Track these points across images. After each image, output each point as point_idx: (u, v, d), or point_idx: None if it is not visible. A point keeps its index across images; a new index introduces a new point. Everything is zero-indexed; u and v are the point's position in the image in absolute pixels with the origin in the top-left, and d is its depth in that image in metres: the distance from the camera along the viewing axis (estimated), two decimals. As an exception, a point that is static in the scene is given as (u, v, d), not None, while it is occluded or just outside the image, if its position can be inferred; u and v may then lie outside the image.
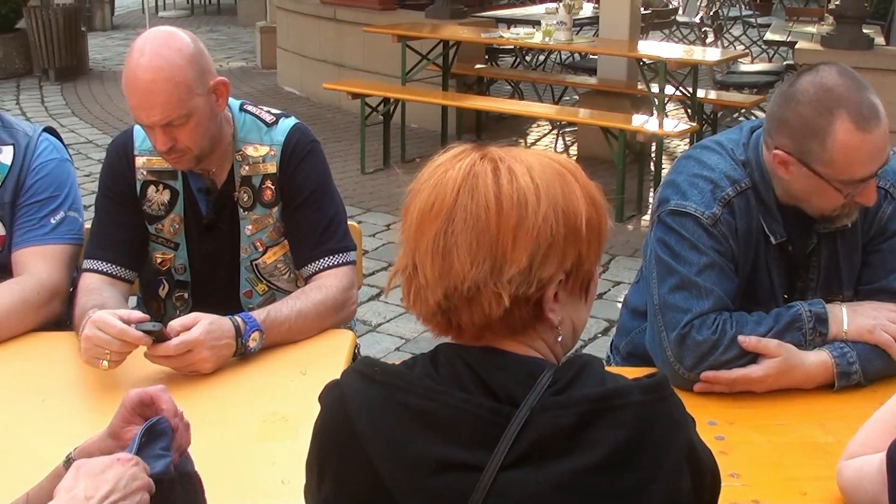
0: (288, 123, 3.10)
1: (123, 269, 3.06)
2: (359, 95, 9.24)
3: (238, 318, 2.73)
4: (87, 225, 3.24)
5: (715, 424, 2.43)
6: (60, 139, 3.32)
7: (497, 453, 1.52)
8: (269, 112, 3.13)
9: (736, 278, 2.66)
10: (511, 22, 11.90)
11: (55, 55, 13.82)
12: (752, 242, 2.69)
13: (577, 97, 11.02)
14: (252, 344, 2.72)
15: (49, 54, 13.81)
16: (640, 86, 9.48)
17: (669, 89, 8.77)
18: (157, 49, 2.82)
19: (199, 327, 2.63)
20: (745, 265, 2.70)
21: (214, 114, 2.94)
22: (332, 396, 1.65)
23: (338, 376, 2.62)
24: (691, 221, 2.64)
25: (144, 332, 2.56)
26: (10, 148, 3.16)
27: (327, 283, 2.98)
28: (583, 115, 9.00)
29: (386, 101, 9.35)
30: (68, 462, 1.92)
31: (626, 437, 1.54)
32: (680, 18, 14.89)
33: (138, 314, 2.62)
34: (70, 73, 14.05)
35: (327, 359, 2.78)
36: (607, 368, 1.66)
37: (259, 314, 2.78)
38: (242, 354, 2.72)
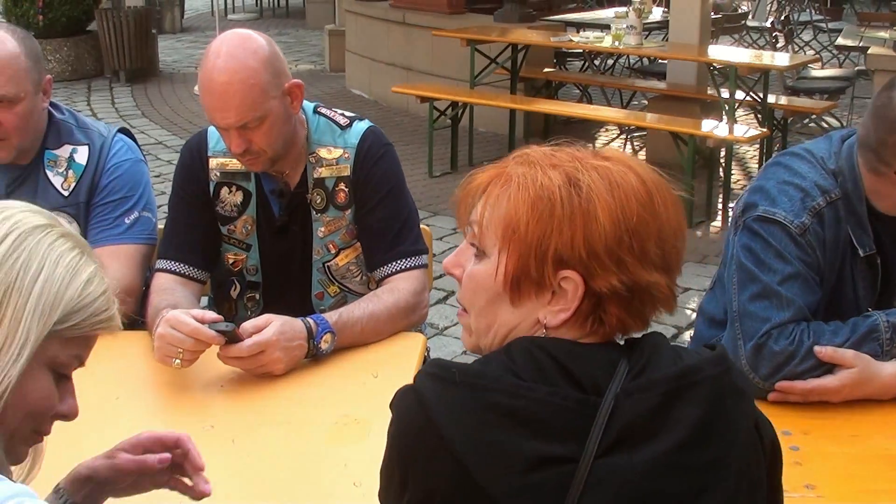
0: (362, 126, 3.10)
1: (196, 270, 3.08)
2: (427, 99, 9.25)
3: (310, 320, 2.73)
4: (159, 225, 3.27)
5: (789, 435, 2.39)
6: (135, 140, 3.35)
7: (590, 443, 1.51)
8: (342, 114, 3.13)
9: (819, 290, 2.61)
10: (580, 26, 11.84)
11: (126, 57, 13.97)
12: (838, 254, 2.64)
13: (645, 101, 10.95)
14: (324, 346, 2.72)
15: (120, 56, 13.96)
16: (710, 91, 9.40)
17: (739, 94, 8.67)
18: (232, 51, 2.83)
19: (271, 328, 2.63)
20: (830, 277, 2.64)
21: (289, 116, 2.94)
22: (408, 401, 1.62)
23: (409, 379, 2.62)
24: (779, 229, 2.59)
25: (218, 332, 2.57)
26: (86, 148, 3.20)
27: (399, 286, 2.98)
28: (652, 119, 8.95)
29: (454, 104, 9.35)
30: (57, 491, 1.94)
31: (704, 412, 1.56)
32: (750, 23, 14.78)
33: (211, 314, 2.63)
34: (140, 75, 14.20)
35: (399, 362, 2.77)
36: None
37: (331, 316, 2.78)
38: (314, 356, 2.72)
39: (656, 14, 11.84)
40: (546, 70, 10.74)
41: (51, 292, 1.52)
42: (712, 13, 10.71)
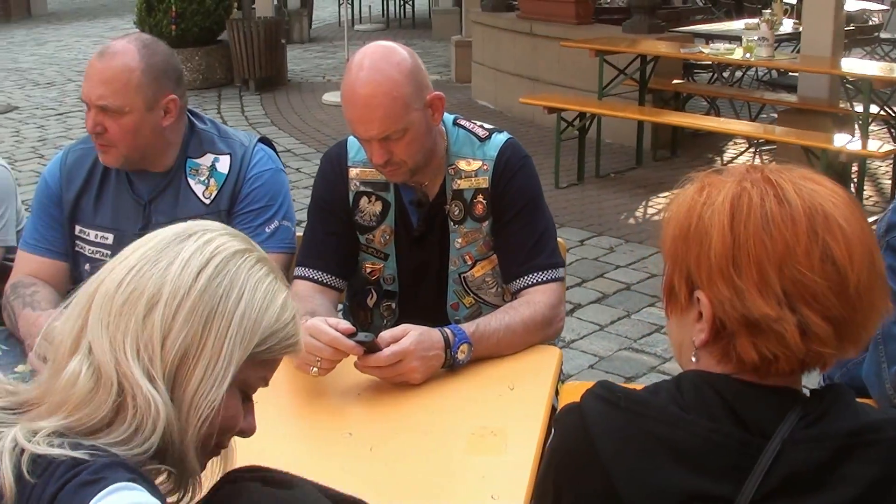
0: (501, 138, 3.10)
1: (333, 278, 3.11)
2: (555, 110, 9.21)
3: (447, 330, 2.74)
4: (297, 233, 3.31)
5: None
6: (275, 149, 3.39)
7: (748, 486, 1.48)
8: (481, 126, 3.14)
9: None
10: (709, 37, 11.71)
11: (255, 66, 14.19)
12: None
13: (774, 115, 10.79)
14: (461, 356, 2.73)
15: (250, 65, 14.19)
16: (842, 104, 9.21)
17: (873, 108, 8.49)
18: (375, 64, 2.85)
19: (409, 338, 2.64)
20: None
21: (430, 128, 2.96)
22: (572, 420, 1.63)
23: (545, 393, 2.63)
24: None
25: (357, 342, 2.59)
26: (227, 157, 3.25)
27: (536, 298, 2.97)
28: (782, 133, 8.80)
29: (582, 115, 9.30)
30: None
31: (878, 474, 1.50)
32: (883, 35, 14.46)
33: (346, 324, 2.65)
34: (269, 84, 14.40)
35: (534, 375, 2.77)
36: None
37: (468, 327, 2.79)
38: (451, 366, 2.73)
39: (787, 26, 11.65)
40: (675, 82, 10.64)
41: (251, 317, 1.57)
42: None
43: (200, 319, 1.52)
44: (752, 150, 10.39)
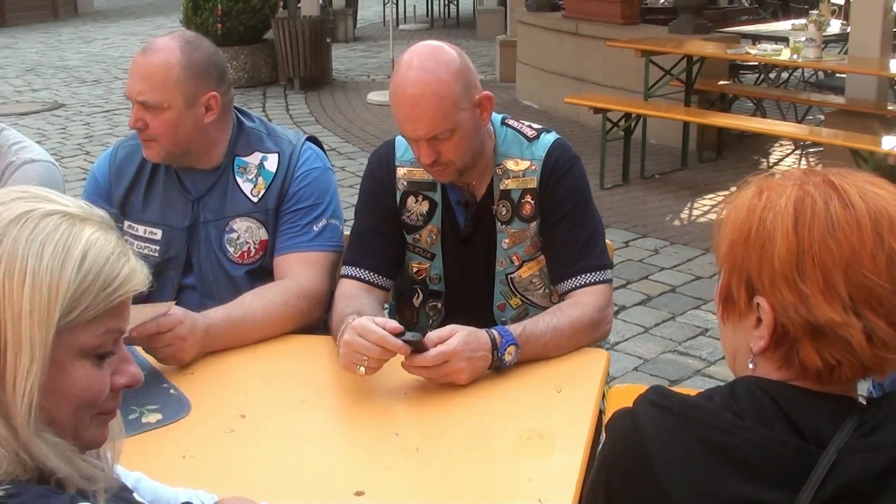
0: (549, 139, 3.09)
1: (380, 277, 3.10)
2: (600, 110, 9.18)
3: (494, 332, 2.72)
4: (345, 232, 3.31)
5: None
6: (322, 148, 3.39)
7: (802, 496, 1.46)
8: (530, 126, 3.12)
9: None
10: (755, 38, 11.63)
11: (301, 65, 14.25)
12: None
13: (821, 116, 10.70)
14: (507, 357, 2.71)
15: (295, 64, 14.25)
16: (890, 106, 9.12)
17: (923, 110, 8.41)
18: (424, 63, 2.84)
19: (456, 339, 2.63)
20: None
21: (478, 128, 2.94)
22: (625, 425, 1.61)
23: (593, 396, 2.61)
24: None
25: (404, 341, 2.58)
26: (276, 156, 3.25)
27: (584, 300, 2.95)
28: (829, 134, 8.71)
29: (627, 116, 9.27)
30: None
31: None
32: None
33: (393, 323, 2.64)
34: (314, 83, 14.46)
35: (582, 377, 2.74)
36: None
37: (515, 328, 2.77)
38: (497, 368, 2.71)
39: (834, 27, 11.56)
40: (721, 82, 10.57)
41: (42, 291, 1.40)
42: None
43: None
44: (798, 152, 10.31)
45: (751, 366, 1.62)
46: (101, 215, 1.52)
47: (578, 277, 3.00)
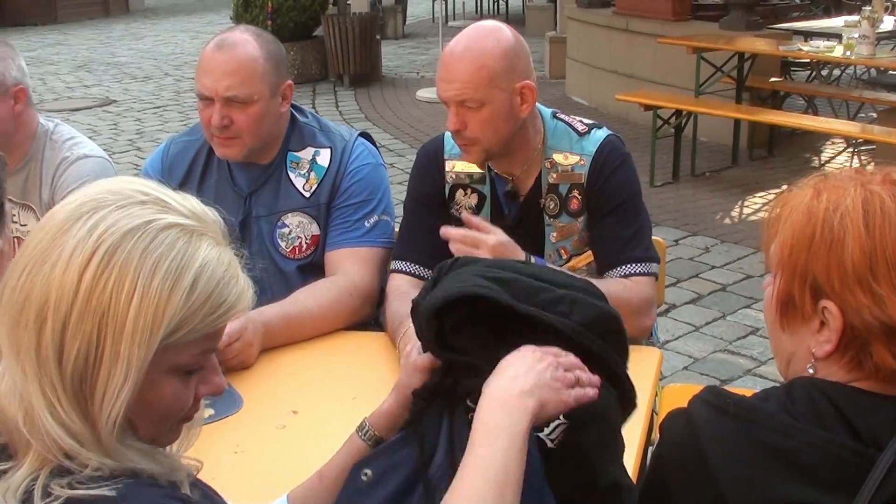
0: (601, 134, 3.07)
1: (429, 271, 3.10)
2: (651, 107, 9.14)
3: (532, 256, 2.80)
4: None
5: None
6: (375, 144, 3.39)
7: (860, 499, 1.43)
8: (581, 121, 3.11)
9: None
10: (807, 34, 11.53)
11: (350, 62, 14.26)
12: None
13: (873, 114, 10.59)
14: None
15: (344, 61, 14.27)
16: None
17: (980, 108, 8.29)
18: (475, 32, 2.91)
19: (496, 235, 2.76)
20: None
21: (513, 115, 2.93)
22: (680, 426, 1.60)
23: (646, 394, 2.58)
24: None
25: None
26: (328, 151, 3.26)
27: (629, 285, 2.94)
28: (882, 132, 8.62)
29: (678, 113, 9.21)
30: (362, 428, 1.95)
31: None
32: None
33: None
34: (363, 80, 14.47)
35: (635, 376, 2.65)
36: None
37: (553, 267, 2.84)
38: None
39: (888, 23, 11.43)
40: (772, 80, 10.48)
41: (148, 313, 1.38)
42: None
43: (92, 327, 1.37)
44: (850, 150, 10.21)
45: (810, 370, 1.59)
46: (217, 225, 1.52)
47: (625, 267, 2.99)
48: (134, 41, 20.88)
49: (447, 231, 2.77)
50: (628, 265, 2.99)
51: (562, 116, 3.12)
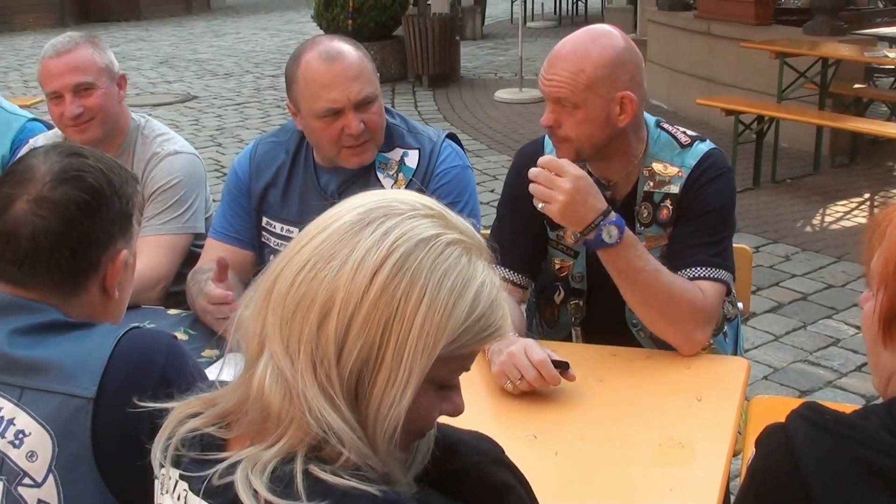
0: (702, 147, 3.04)
1: (520, 276, 3.12)
2: (733, 112, 9.04)
3: (613, 212, 2.77)
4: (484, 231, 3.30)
5: None
6: (462, 146, 3.39)
7: None
8: (685, 133, 3.08)
9: None
10: (892, 40, 11.36)
11: (430, 62, 14.30)
12: None
13: (959, 123, 10.42)
14: (604, 233, 2.74)
15: (424, 61, 14.30)
16: None
17: None
18: (587, 35, 2.93)
19: (580, 175, 2.74)
20: None
21: (609, 122, 2.90)
22: (777, 441, 1.57)
23: (734, 405, 2.56)
24: None
25: (554, 362, 2.61)
26: (416, 152, 3.27)
27: (699, 285, 2.89)
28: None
29: (760, 118, 9.11)
30: None
31: None
32: None
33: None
34: (442, 80, 14.49)
35: (723, 386, 2.71)
36: None
37: (630, 233, 2.81)
38: (586, 234, 2.76)
39: (975, 30, 11.26)
40: (856, 86, 10.34)
41: (433, 321, 1.40)
42: None
43: (377, 328, 1.38)
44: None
45: None
46: (486, 248, 1.53)
47: (696, 269, 2.91)
48: (215, 38, 21.10)
49: (531, 171, 2.77)
50: (701, 268, 2.92)
51: (665, 126, 3.09)
